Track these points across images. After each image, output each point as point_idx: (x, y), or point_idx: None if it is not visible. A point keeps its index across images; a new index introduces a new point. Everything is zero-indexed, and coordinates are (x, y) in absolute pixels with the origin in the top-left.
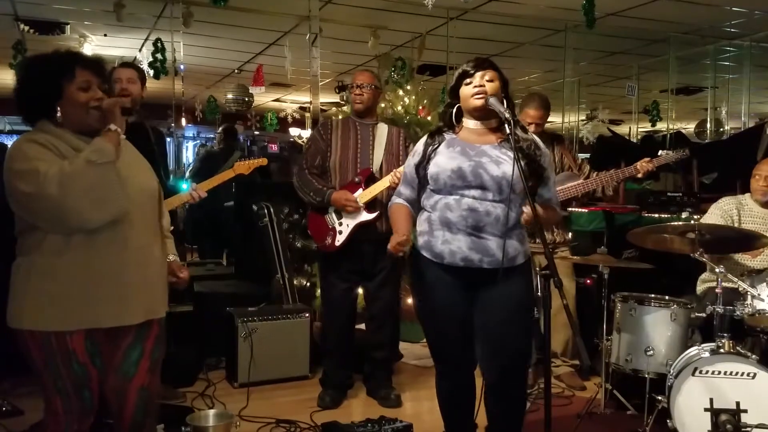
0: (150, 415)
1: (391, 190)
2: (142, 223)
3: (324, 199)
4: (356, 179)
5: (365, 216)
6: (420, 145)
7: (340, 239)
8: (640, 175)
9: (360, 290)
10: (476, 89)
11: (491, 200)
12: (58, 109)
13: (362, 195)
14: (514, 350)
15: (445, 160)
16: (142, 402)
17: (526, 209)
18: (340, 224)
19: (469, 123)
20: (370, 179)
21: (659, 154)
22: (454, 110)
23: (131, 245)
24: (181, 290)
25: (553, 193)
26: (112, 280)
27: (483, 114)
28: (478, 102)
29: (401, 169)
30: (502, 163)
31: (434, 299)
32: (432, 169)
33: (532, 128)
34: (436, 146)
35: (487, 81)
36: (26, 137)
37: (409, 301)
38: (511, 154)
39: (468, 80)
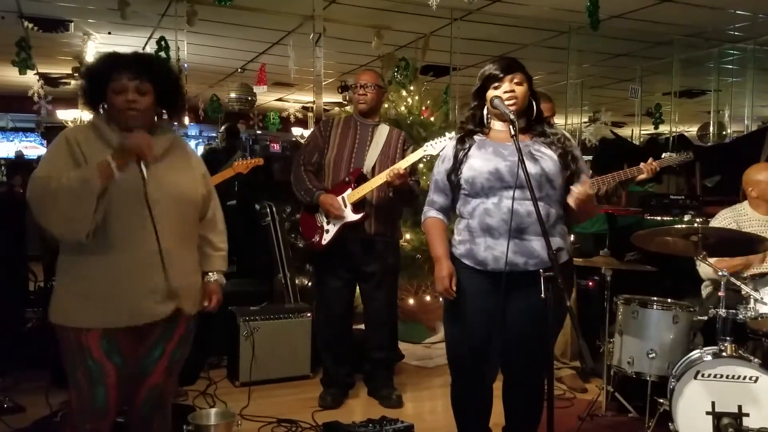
0: (160, 410)
1: (381, 190)
2: (167, 228)
3: (312, 200)
4: (346, 179)
5: (351, 217)
6: (449, 151)
7: (326, 238)
8: (643, 176)
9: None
10: (508, 95)
11: (530, 199)
12: (103, 105)
13: (351, 195)
14: (542, 347)
15: (480, 163)
16: (151, 397)
17: (576, 188)
18: (328, 223)
19: (497, 124)
20: (361, 179)
21: (663, 156)
22: (485, 112)
23: (149, 248)
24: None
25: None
26: (126, 281)
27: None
28: (512, 108)
29: (399, 164)
30: (539, 160)
31: (471, 309)
32: (467, 173)
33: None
34: (467, 150)
35: (516, 84)
36: (63, 132)
37: (411, 301)
38: (545, 150)
39: (497, 84)
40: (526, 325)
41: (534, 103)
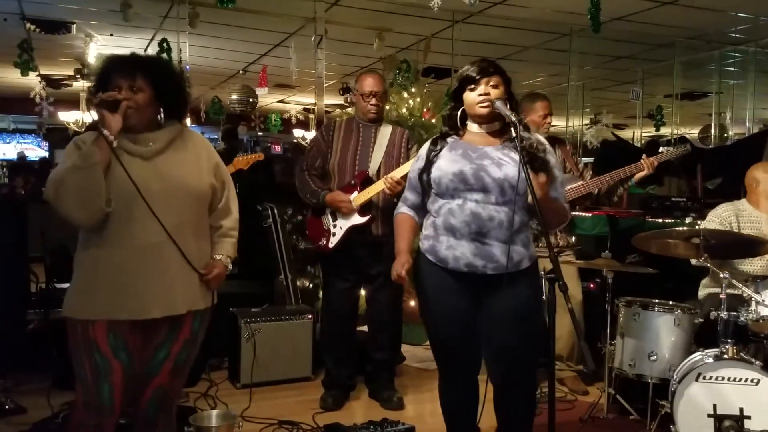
0: (164, 411)
1: (386, 194)
2: (171, 220)
3: (319, 201)
4: (352, 182)
5: (358, 219)
6: (423, 151)
7: (333, 241)
8: (644, 173)
9: (363, 292)
10: (482, 97)
11: (494, 203)
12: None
13: (356, 198)
14: (520, 354)
15: (447, 164)
16: (155, 399)
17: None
18: (335, 226)
19: (472, 126)
20: (366, 182)
21: (660, 150)
22: (459, 114)
23: (147, 240)
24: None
25: (560, 192)
26: (127, 273)
27: (488, 119)
28: (484, 110)
29: (393, 173)
30: (504, 165)
31: (438, 303)
32: (434, 173)
33: (548, 119)
34: (438, 151)
35: (492, 87)
36: (73, 139)
37: (413, 303)
38: (513, 155)
39: (472, 86)
40: (496, 327)
41: (510, 105)
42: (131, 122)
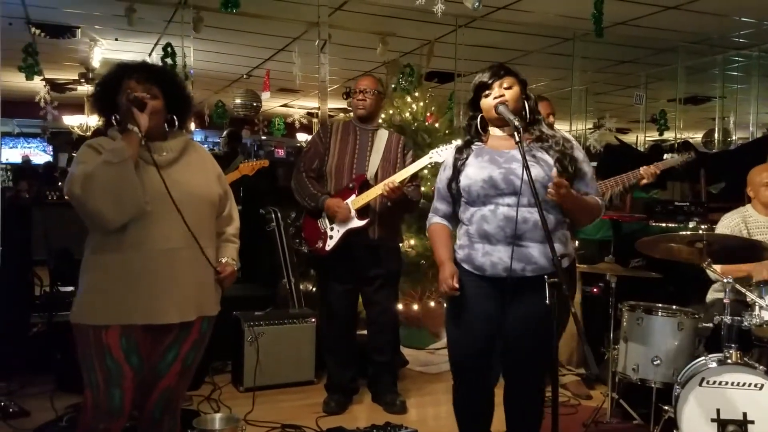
0: (170, 413)
1: (384, 198)
2: (183, 225)
3: (318, 205)
4: (350, 185)
5: (356, 223)
6: (450, 159)
7: (330, 244)
8: (645, 181)
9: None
10: (497, 100)
11: (526, 205)
12: (115, 116)
13: (355, 201)
14: (543, 352)
15: (475, 171)
16: (162, 400)
17: (554, 179)
18: (332, 229)
19: (495, 131)
20: (364, 185)
21: (664, 157)
22: (478, 121)
23: (163, 246)
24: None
25: (591, 186)
26: (143, 278)
27: (506, 121)
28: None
29: (393, 178)
30: (533, 166)
31: (472, 312)
32: (463, 181)
33: (549, 120)
34: (464, 159)
35: (506, 89)
36: (85, 142)
37: (416, 307)
38: (540, 155)
39: (487, 91)
40: (526, 330)
41: (528, 105)
42: (149, 127)
